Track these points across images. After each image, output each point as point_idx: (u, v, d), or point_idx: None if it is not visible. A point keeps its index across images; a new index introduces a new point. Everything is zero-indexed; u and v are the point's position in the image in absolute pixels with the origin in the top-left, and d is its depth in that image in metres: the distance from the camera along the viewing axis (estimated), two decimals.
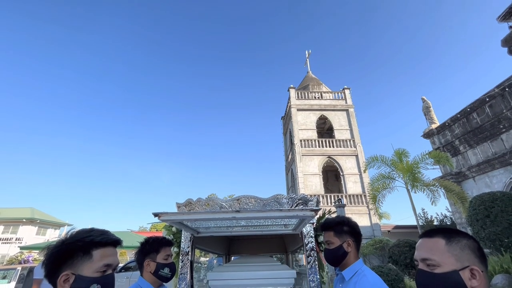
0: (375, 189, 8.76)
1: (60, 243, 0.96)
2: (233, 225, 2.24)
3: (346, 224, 1.62)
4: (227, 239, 4.10)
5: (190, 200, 2.23)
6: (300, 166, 18.95)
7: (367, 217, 17.36)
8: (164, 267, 1.64)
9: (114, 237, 1.04)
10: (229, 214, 1.40)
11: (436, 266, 0.87)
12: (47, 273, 0.94)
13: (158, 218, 1.47)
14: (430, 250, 0.91)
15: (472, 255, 0.87)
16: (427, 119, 13.35)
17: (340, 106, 21.58)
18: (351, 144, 19.93)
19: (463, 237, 0.91)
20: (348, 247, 1.56)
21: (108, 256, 0.98)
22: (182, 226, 1.91)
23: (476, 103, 10.41)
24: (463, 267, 0.84)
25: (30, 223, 30.07)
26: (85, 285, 0.91)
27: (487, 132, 9.99)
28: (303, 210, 1.47)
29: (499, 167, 9.46)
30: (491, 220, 4.80)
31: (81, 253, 0.94)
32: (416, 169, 8.33)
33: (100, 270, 0.95)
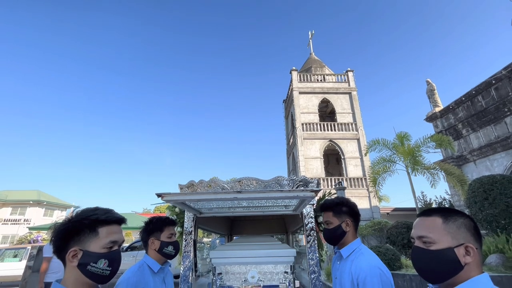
0: (376, 172, 8.82)
1: (67, 221, 0.99)
2: (234, 206, 2.29)
3: (345, 205, 1.65)
4: (229, 220, 4.20)
5: (192, 182, 2.26)
6: (302, 149, 19.00)
7: (366, 200, 17.63)
8: (168, 245, 1.70)
9: (118, 215, 1.07)
10: (231, 194, 1.42)
11: (432, 243, 0.90)
12: (56, 249, 0.98)
13: (161, 198, 1.50)
14: (427, 228, 0.93)
15: (468, 233, 0.89)
16: (430, 102, 13.16)
17: (343, 89, 21.26)
18: (353, 127, 19.82)
19: (460, 216, 0.93)
20: (346, 226, 1.60)
21: (113, 233, 1.02)
22: (185, 206, 1.96)
23: (482, 86, 10.22)
24: (458, 244, 0.87)
25: (37, 205, 30.86)
26: (93, 260, 0.95)
27: (491, 115, 9.88)
28: (304, 191, 1.49)
29: (501, 150, 9.44)
30: (489, 203, 4.87)
31: (88, 231, 0.98)
32: (417, 152, 8.33)
33: (107, 246, 0.99)
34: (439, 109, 12.34)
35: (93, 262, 0.95)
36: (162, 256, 1.69)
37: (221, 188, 2.17)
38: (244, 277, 2.34)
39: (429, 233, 0.91)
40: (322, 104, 21.48)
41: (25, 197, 30.88)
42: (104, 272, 0.96)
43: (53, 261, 4.08)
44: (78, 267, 0.94)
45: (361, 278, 1.38)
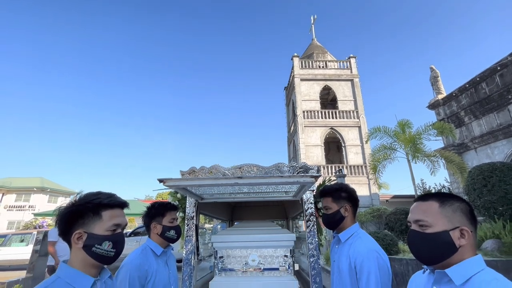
0: (376, 159, 8.85)
1: (71, 205, 1.01)
2: (235, 192, 2.32)
3: (344, 191, 1.67)
4: (230, 206, 4.27)
5: (193, 168, 2.28)
6: (302, 137, 18.99)
7: (366, 187, 17.79)
8: (170, 230, 1.74)
9: (121, 199, 1.09)
10: (232, 180, 1.44)
11: (428, 226, 0.92)
12: (61, 232, 1.01)
13: (163, 183, 1.52)
14: (423, 212, 0.95)
15: (463, 217, 0.91)
16: (434, 89, 13.00)
17: (345, 76, 20.96)
18: (354, 115, 19.70)
19: (456, 200, 0.94)
20: (345, 212, 1.63)
21: (116, 217, 1.04)
22: (186, 192, 1.98)
23: (487, 72, 10.05)
24: (453, 228, 0.89)
25: (41, 191, 31.32)
26: (97, 242, 0.98)
27: (495, 103, 9.78)
28: (304, 177, 1.51)
29: (502, 138, 9.41)
30: (488, 190, 4.91)
31: (91, 214, 1.00)
32: (418, 140, 8.32)
33: (110, 229, 1.01)
34: (442, 96, 12.21)
35: (98, 244, 0.98)
36: (164, 240, 1.73)
37: (222, 174, 2.19)
38: (245, 260, 2.41)
39: (425, 217, 0.93)
40: (323, 91, 21.25)
41: (29, 184, 31.30)
42: (108, 253, 0.99)
43: (59, 245, 4.19)
44: (84, 248, 0.97)
45: (358, 261, 1.41)
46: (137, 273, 1.52)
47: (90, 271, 0.99)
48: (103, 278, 1.03)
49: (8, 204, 30.38)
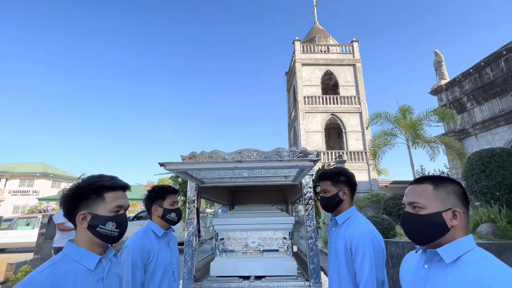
0: (376, 145, 8.86)
1: (74, 187, 1.03)
2: (236, 176, 2.35)
3: (343, 175, 1.69)
4: (230, 191, 4.33)
5: (194, 153, 2.30)
6: (303, 123, 18.93)
7: (366, 173, 17.93)
8: (171, 212, 1.78)
9: (122, 182, 1.12)
10: (231, 164, 1.46)
11: (421, 208, 0.94)
12: (66, 213, 1.04)
13: (164, 167, 1.54)
14: (418, 195, 0.97)
15: (456, 198, 0.93)
16: (437, 74, 12.79)
17: (347, 60, 20.58)
18: (355, 101, 19.53)
19: (450, 182, 0.96)
20: (343, 195, 1.65)
21: (119, 199, 1.07)
22: (187, 176, 2.01)
23: (492, 57, 9.86)
24: (446, 209, 0.91)
25: (44, 177, 31.69)
26: (101, 223, 1.01)
27: (498, 88, 9.66)
28: (303, 161, 1.52)
29: (504, 124, 9.38)
30: (486, 175, 4.95)
31: (94, 196, 1.03)
32: (419, 126, 8.29)
33: (113, 210, 1.04)
34: (445, 81, 12.04)
35: (102, 225, 1.01)
36: (165, 222, 1.78)
37: (222, 159, 2.21)
38: (245, 242, 2.48)
39: (419, 199, 0.95)
40: (325, 77, 20.95)
41: (31, 170, 31.63)
42: (112, 233, 1.03)
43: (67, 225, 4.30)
44: (88, 228, 1.00)
45: (354, 242, 1.46)
46: (139, 253, 1.58)
47: (95, 249, 1.02)
48: (108, 256, 1.07)
49: (12, 189, 30.84)
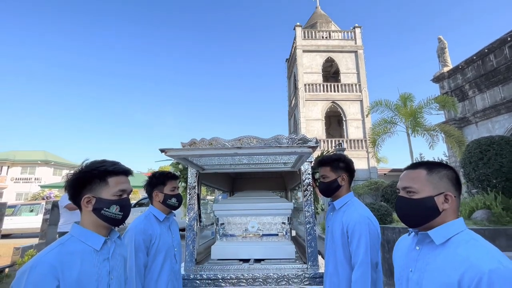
0: (376, 133, 8.87)
1: (78, 172, 1.06)
2: (235, 163, 2.38)
3: (342, 161, 1.72)
4: (230, 178, 4.39)
5: (194, 140, 2.32)
6: (303, 111, 18.84)
7: (365, 161, 18.03)
8: (172, 198, 1.82)
9: (125, 167, 1.14)
10: (231, 150, 1.48)
11: (415, 193, 0.97)
12: (71, 196, 1.07)
13: (164, 153, 1.57)
14: (411, 180, 0.99)
15: (449, 183, 0.96)
16: (440, 61, 12.61)
17: (349, 47, 20.22)
18: (356, 88, 19.36)
19: (443, 168, 0.98)
20: (342, 181, 1.69)
21: (122, 183, 1.10)
22: (187, 162, 2.04)
23: (496, 43, 9.69)
24: (438, 193, 0.94)
25: (45, 164, 31.90)
26: (106, 206, 1.04)
27: (501, 76, 9.55)
28: (301, 147, 1.55)
29: (505, 112, 9.34)
30: (484, 163, 4.99)
31: (98, 180, 1.06)
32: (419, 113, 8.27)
33: (117, 194, 1.08)
34: (447, 69, 11.88)
35: (106, 208, 1.04)
36: (166, 207, 1.82)
37: (222, 146, 2.23)
38: (245, 227, 2.55)
39: (413, 184, 0.98)
40: (326, 64, 20.64)
41: (32, 157, 31.80)
42: (116, 216, 1.07)
43: (67, 213, 4.39)
44: (93, 211, 1.04)
45: (351, 226, 1.50)
46: (142, 236, 1.63)
47: (100, 231, 1.06)
48: (113, 238, 1.12)
49: (15, 177, 31.12)
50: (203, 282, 2.08)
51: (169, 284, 1.67)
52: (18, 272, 0.90)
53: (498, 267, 0.76)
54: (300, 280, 2.04)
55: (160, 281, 1.63)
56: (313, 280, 2.03)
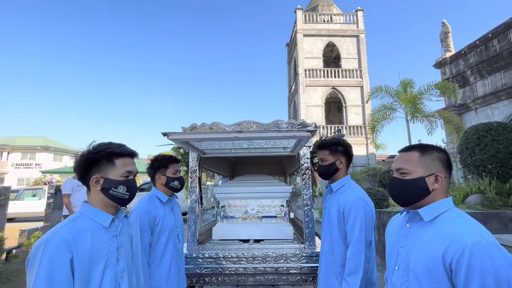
0: (375, 119, 8.88)
1: (86, 153, 1.10)
2: (236, 147, 2.43)
3: (341, 145, 1.76)
4: (231, 163, 4.46)
5: (194, 125, 2.35)
6: (303, 97, 18.72)
7: (364, 147, 18.13)
8: (174, 180, 1.87)
9: (130, 149, 1.19)
10: (232, 134, 1.52)
11: (407, 174, 1.02)
12: (80, 176, 1.12)
13: (166, 137, 1.61)
14: (405, 162, 1.04)
15: (440, 164, 1.00)
16: (443, 46, 12.41)
17: (350, 31, 19.79)
18: (357, 74, 19.14)
19: (435, 150, 1.03)
20: (340, 164, 1.74)
21: (128, 165, 1.14)
22: (189, 146, 2.09)
23: (500, 28, 9.51)
24: (429, 174, 0.99)
25: (45, 150, 31.97)
26: (113, 186, 1.09)
27: (503, 62, 9.45)
28: (301, 131, 1.58)
29: (505, 98, 9.32)
30: (481, 149, 5.05)
31: (105, 161, 1.10)
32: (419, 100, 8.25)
33: (123, 175, 1.12)
34: (450, 54, 11.72)
35: (114, 188, 1.09)
36: (168, 190, 1.88)
37: (222, 130, 2.27)
38: (245, 209, 2.64)
39: (406, 166, 1.03)
40: (327, 49, 20.28)
41: (32, 143, 31.82)
42: (124, 196, 1.12)
43: (73, 196, 4.49)
44: (102, 191, 1.09)
45: (347, 207, 1.57)
46: (146, 217, 1.69)
47: (108, 210, 1.12)
48: (120, 216, 1.17)
49: (15, 162, 31.27)
50: (205, 260, 2.18)
51: (172, 261, 1.75)
52: (34, 246, 0.96)
53: (480, 240, 0.82)
54: (297, 258, 2.14)
55: (164, 259, 1.71)
56: (309, 258, 2.13)
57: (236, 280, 2.15)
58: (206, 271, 2.16)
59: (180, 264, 1.84)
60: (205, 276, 2.17)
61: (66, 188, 4.46)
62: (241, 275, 2.14)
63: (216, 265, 2.16)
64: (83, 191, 4.73)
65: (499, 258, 0.79)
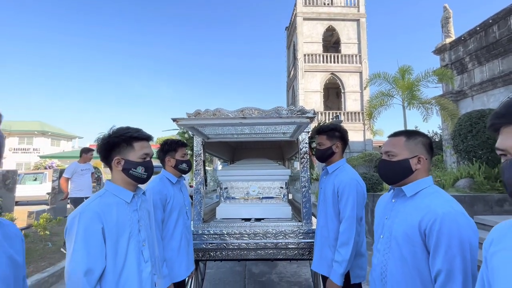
0: (373, 106, 8.99)
1: (107, 137, 1.23)
2: (238, 133, 2.56)
3: (337, 130, 1.90)
4: (231, 148, 4.60)
5: (198, 111, 2.47)
6: (302, 83, 18.65)
7: (361, 133, 18.34)
8: (182, 163, 2.02)
9: (147, 133, 1.32)
10: (237, 120, 1.65)
11: (394, 156, 1.17)
12: (102, 158, 1.25)
13: (176, 122, 1.73)
14: (393, 145, 1.19)
15: (423, 148, 1.15)
16: (443, 31, 12.29)
17: (351, 15, 19.43)
18: (356, 59, 19.00)
19: (419, 135, 1.17)
20: (336, 148, 1.88)
21: (145, 147, 1.28)
22: (195, 131, 2.21)
23: (501, 14, 9.44)
24: (413, 156, 1.13)
25: (42, 135, 31.88)
26: (133, 167, 1.23)
27: (502, 48, 9.45)
28: (300, 118, 1.71)
29: (501, 85, 9.41)
30: (473, 135, 5.23)
31: (125, 144, 1.23)
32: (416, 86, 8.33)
33: (141, 157, 1.26)
34: (450, 40, 11.65)
35: (133, 168, 1.23)
36: (177, 171, 2.03)
37: (225, 116, 2.39)
38: (246, 190, 2.81)
39: (393, 149, 1.17)
40: (327, 33, 19.97)
41: (28, 128, 31.66)
42: (142, 175, 1.26)
43: (74, 180, 4.65)
44: (123, 171, 1.23)
45: (341, 187, 1.73)
46: (158, 196, 1.85)
47: (129, 187, 1.26)
48: (139, 193, 1.32)
49: (13, 147, 31.22)
50: (210, 236, 2.37)
51: (182, 236, 1.93)
52: (69, 217, 1.11)
53: (449, 210, 0.98)
54: (295, 234, 2.34)
55: (175, 234, 1.89)
56: (306, 234, 2.33)
57: (239, 254, 2.35)
58: (212, 246, 2.35)
59: (189, 238, 2.02)
60: (210, 250, 2.36)
61: (68, 172, 4.64)
62: (243, 250, 2.34)
63: (220, 241, 2.35)
64: (88, 176, 4.90)
65: (464, 225, 0.96)
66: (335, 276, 1.60)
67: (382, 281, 1.16)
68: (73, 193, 4.64)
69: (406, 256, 1.06)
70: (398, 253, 1.09)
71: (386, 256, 1.15)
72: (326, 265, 1.73)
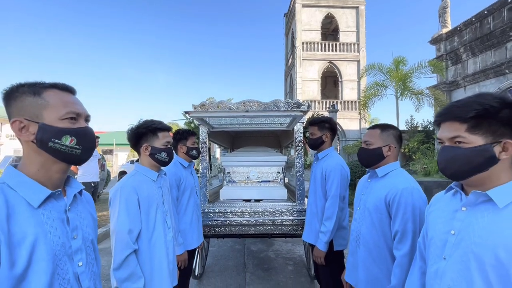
0: (367, 96, 9.25)
1: (136, 128, 1.51)
2: (239, 123, 2.84)
3: (327, 122, 2.19)
4: (231, 137, 4.89)
5: (203, 103, 2.73)
6: (300, 71, 18.71)
7: (357, 122, 18.62)
8: (193, 150, 2.30)
9: (167, 125, 1.59)
10: (241, 112, 1.92)
11: (371, 144, 1.46)
12: (133, 145, 1.53)
13: (187, 115, 2.00)
14: (370, 136, 1.48)
15: (393, 139, 1.45)
16: (440, 22, 12.38)
17: (350, 2, 19.26)
18: (355, 48, 19.01)
19: (391, 128, 1.47)
20: (325, 138, 2.18)
21: (167, 137, 1.56)
22: (202, 122, 2.49)
23: (496, 5, 9.58)
24: (385, 145, 1.43)
25: None
26: (158, 152, 1.52)
27: (495, 40, 9.65)
28: (295, 111, 1.99)
29: (492, 77, 9.68)
30: None
31: (151, 134, 1.51)
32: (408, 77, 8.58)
33: (164, 144, 1.54)
34: (446, 30, 11.78)
35: (159, 154, 1.52)
36: (188, 157, 2.31)
37: (228, 109, 2.66)
38: (247, 175, 3.12)
39: (370, 139, 1.47)
40: (325, 20, 19.84)
41: None
42: (165, 159, 1.55)
43: (86, 165, 4.93)
44: (150, 156, 1.51)
45: (328, 170, 2.04)
46: (173, 177, 2.14)
47: (154, 169, 1.55)
48: (161, 174, 1.61)
49: (10, 134, 31.12)
50: (215, 214, 2.69)
51: (193, 212, 2.25)
52: (111, 191, 1.40)
53: (407, 186, 1.30)
54: (290, 213, 2.67)
55: (187, 210, 2.20)
56: (299, 213, 2.66)
57: (240, 230, 2.69)
58: (216, 223, 2.68)
59: (198, 215, 2.34)
60: (215, 227, 2.69)
61: None
62: (244, 226, 2.67)
63: (224, 218, 2.68)
64: (95, 162, 5.19)
65: (417, 197, 1.28)
66: (321, 244, 1.94)
67: (357, 242, 1.48)
68: (81, 178, 4.92)
69: (375, 221, 1.38)
70: (369, 220, 1.41)
71: (360, 223, 1.47)
72: (314, 235, 2.07)
